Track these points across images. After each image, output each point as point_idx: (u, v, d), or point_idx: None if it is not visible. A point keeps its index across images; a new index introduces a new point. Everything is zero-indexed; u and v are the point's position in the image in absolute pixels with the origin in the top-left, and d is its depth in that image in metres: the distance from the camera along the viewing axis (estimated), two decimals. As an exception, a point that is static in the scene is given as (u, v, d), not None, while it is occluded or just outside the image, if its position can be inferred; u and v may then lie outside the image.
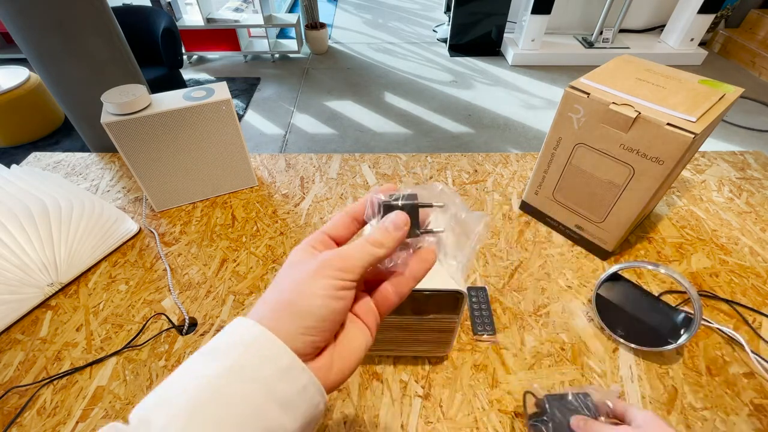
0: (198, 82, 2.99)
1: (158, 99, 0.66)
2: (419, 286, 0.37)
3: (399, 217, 0.24)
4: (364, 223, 0.26)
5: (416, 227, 0.25)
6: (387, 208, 0.24)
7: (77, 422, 0.46)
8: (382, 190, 0.25)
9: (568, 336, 0.54)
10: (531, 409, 0.44)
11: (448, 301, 0.42)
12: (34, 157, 0.87)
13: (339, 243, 0.26)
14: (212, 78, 3.07)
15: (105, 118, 0.61)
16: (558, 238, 0.68)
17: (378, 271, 0.25)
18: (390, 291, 0.25)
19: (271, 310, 0.21)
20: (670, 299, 0.59)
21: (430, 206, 0.25)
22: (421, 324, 0.45)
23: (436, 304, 0.42)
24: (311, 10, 3.34)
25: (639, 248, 0.66)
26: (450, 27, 3.28)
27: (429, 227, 0.25)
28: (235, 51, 3.24)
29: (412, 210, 0.25)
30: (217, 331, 0.55)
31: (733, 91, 0.54)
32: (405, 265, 0.25)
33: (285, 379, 0.19)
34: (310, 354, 0.21)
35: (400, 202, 0.24)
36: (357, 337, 0.23)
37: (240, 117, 2.61)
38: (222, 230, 0.70)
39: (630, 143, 0.52)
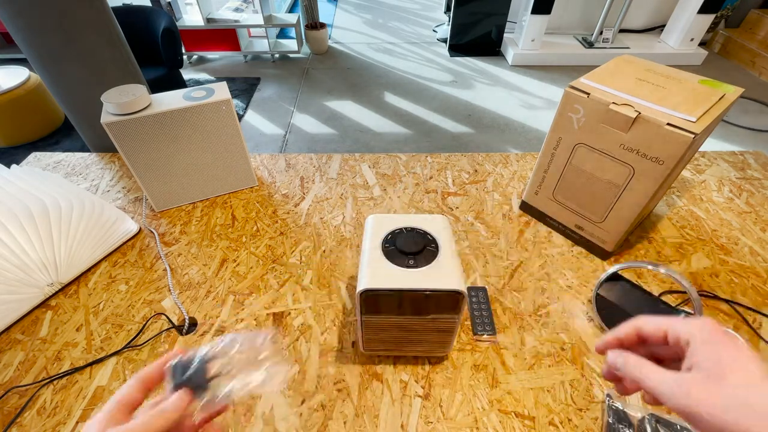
0: (198, 82, 2.99)
1: (158, 99, 0.66)
2: (419, 286, 0.40)
3: (177, 400, 0.28)
4: (154, 385, 0.30)
5: (202, 386, 0.29)
6: (176, 376, 0.29)
7: (77, 422, 0.46)
8: (180, 351, 0.31)
9: (568, 336, 0.54)
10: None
11: (448, 300, 0.42)
12: (34, 157, 0.87)
13: (135, 406, 0.29)
14: (212, 78, 3.07)
15: (105, 118, 0.61)
16: (558, 238, 0.68)
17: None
18: None
19: None
20: (670, 299, 0.59)
21: (215, 377, 0.30)
22: (421, 324, 0.45)
23: (436, 303, 0.42)
24: (311, 10, 3.34)
25: (639, 248, 0.66)
26: (450, 27, 3.28)
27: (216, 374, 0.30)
28: (235, 51, 3.24)
29: (197, 372, 0.29)
30: (217, 330, 0.55)
31: (733, 91, 0.54)
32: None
33: None
34: None
35: (187, 374, 0.29)
36: None
37: (240, 117, 2.61)
38: (222, 230, 0.70)
39: (630, 143, 0.52)
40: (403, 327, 0.45)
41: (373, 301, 0.42)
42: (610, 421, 0.44)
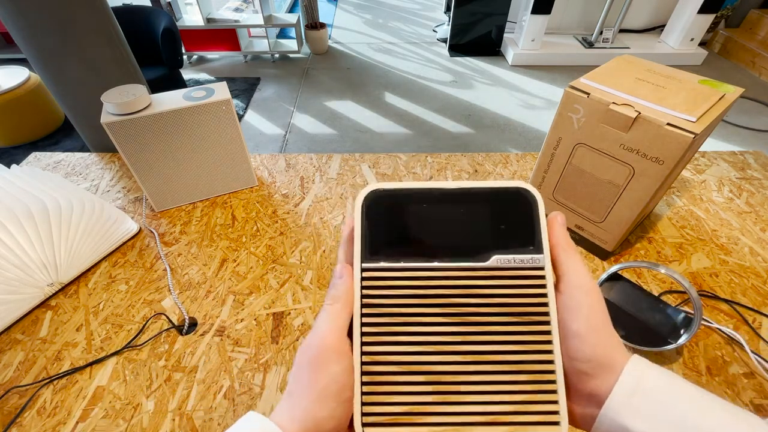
0: (198, 82, 2.99)
1: (158, 99, 0.66)
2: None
3: (340, 269, 0.25)
4: None
5: None
6: None
7: (77, 422, 0.46)
8: None
9: (568, 336, 0.54)
10: None
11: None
12: (34, 157, 0.87)
13: None
14: (212, 78, 3.07)
15: (105, 118, 0.61)
16: (558, 238, 0.68)
17: None
18: None
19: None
20: (670, 299, 0.59)
21: None
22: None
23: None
24: (311, 10, 3.34)
25: (639, 248, 0.66)
26: (450, 27, 3.28)
27: None
28: (235, 51, 3.24)
29: None
30: (218, 331, 0.55)
31: (733, 91, 0.54)
32: None
33: None
34: None
35: None
36: None
37: (240, 117, 2.61)
38: (222, 230, 0.70)
39: (630, 143, 0.52)
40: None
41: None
42: None
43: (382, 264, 0.25)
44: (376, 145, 2.37)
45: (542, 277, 0.24)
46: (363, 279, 0.25)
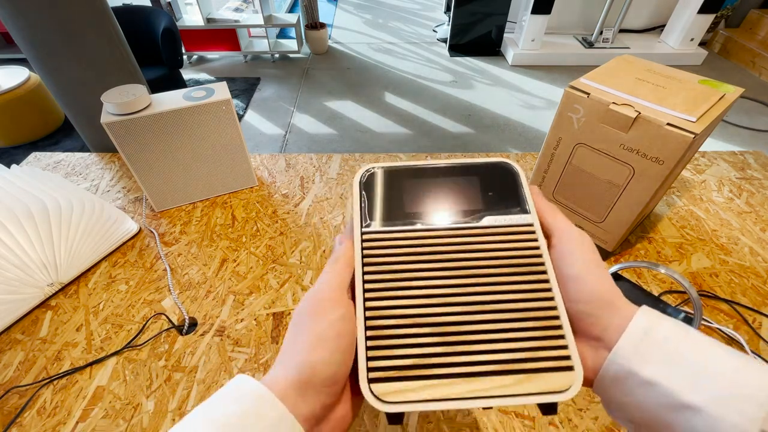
0: (198, 82, 2.99)
1: (158, 99, 0.66)
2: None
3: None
4: None
5: None
6: None
7: (77, 422, 0.46)
8: None
9: (568, 336, 0.54)
10: None
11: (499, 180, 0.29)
12: (34, 157, 0.87)
13: None
14: (212, 78, 3.07)
15: (105, 118, 0.61)
16: (558, 238, 0.68)
17: None
18: None
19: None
20: (670, 299, 0.59)
21: None
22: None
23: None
24: (311, 10, 3.34)
25: (639, 248, 0.66)
26: (450, 27, 3.28)
27: None
28: (235, 51, 3.24)
29: None
30: (218, 331, 0.55)
31: (733, 91, 0.54)
32: None
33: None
34: (324, 410, 0.22)
35: None
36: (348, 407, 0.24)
37: (240, 117, 2.61)
38: (222, 230, 0.70)
39: (630, 143, 0.52)
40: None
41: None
42: None
43: (382, 228, 0.27)
44: (376, 145, 2.37)
45: (533, 232, 0.26)
46: (363, 242, 0.26)
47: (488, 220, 0.27)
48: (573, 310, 0.23)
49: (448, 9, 3.61)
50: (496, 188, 0.28)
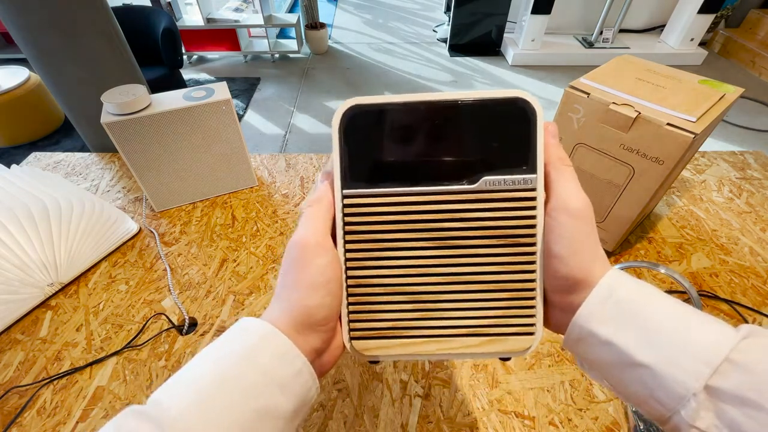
0: (198, 82, 2.99)
1: (158, 99, 0.66)
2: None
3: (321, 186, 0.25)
4: None
5: None
6: None
7: (77, 422, 0.46)
8: None
9: (568, 336, 0.54)
10: None
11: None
12: (34, 157, 0.87)
13: None
14: (212, 78, 3.07)
15: (105, 118, 0.61)
16: (558, 238, 0.68)
17: None
18: None
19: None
20: (670, 299, 0.58)
21: None
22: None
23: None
24: (311, 10, 3.34)
25: (639, 248, 0.66)
26: (450, 27, 3.28)
27: None
28: (235, 51, 3.24)
29: None
30: (218, 330, 0.55)
31: (733, 91, 0.54)
32: None
33: (282, 364, 0.21)
34: (320, 346, 0.24)
35: None
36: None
37: (240, 117, 2.61)
38: (222, 230, 0.70)
39: (630, 143, 0.52)
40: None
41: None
42: (641, 428, 0.43)
43: (364, 190, 0.24)
44: (376, 145, 2.37)
45: (533, 199, 0.23)
46: (345, 207, 0.24)
47: (485, 182, 0.23)
48: (551, 283, 0.23)
49: (448, 9, 3.60)
50: (503, 136, 0.23)
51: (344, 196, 0.24)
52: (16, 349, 0.53)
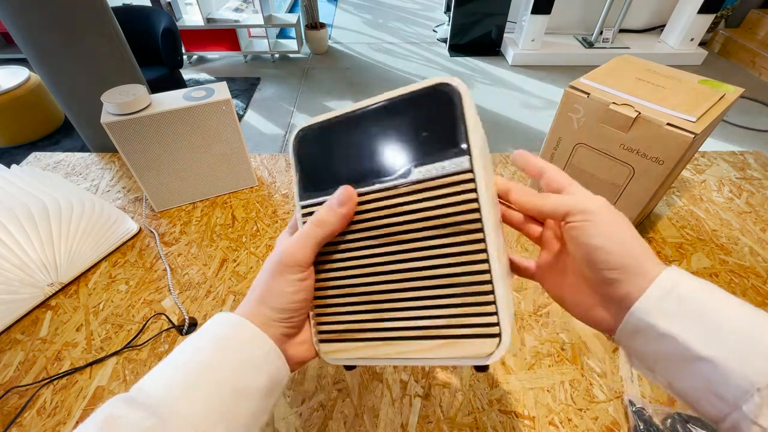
0: (198, 82, 2.99)
1: (158, 99, 0.66)
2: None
3: (343, 193, 0.24)
4: None
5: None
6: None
7: (77, 422, 0.46)
8: None
9: (568, 336, 0.54)
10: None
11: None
12: (34, 157, 0.87)
13: None
14: (212, 78, 3.07)
15: (105, 118, 0.61)
16: (558, 238, 0.68)
17: None
18: None
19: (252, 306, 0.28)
20: (670, 299, 0.58)
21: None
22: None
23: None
24: (311, 10, 3.34)
25: (639, 248, 0.66)
26: (450, 27, 3.28)
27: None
28: (235, 51, 3.24)
29: None
30: (217, 331, 0.55)
31: (733, 91, 0.54)
32: None
33: (252, 347, 0.25)
34: (285, 337, 0.26)
35: None
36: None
37: (240, 117, 2.61)
38: (222, 230, 0.70)
39: (630, 143, 0.52)
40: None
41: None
42: (641, 428, 0.43)
43: (314, 200, 0.27)
44: (376, 145, 2.37)
45: (470, 181, 0.22)
46: (303, 216, 0.28)
47: (417, 173, 0.23)
48: (598, 276, 0.23)
49: (448, 9, 3.61)
50: (431, 124, 0.23)
51: (302, 207, 0.27)
52: (16, 349, 0.53)
